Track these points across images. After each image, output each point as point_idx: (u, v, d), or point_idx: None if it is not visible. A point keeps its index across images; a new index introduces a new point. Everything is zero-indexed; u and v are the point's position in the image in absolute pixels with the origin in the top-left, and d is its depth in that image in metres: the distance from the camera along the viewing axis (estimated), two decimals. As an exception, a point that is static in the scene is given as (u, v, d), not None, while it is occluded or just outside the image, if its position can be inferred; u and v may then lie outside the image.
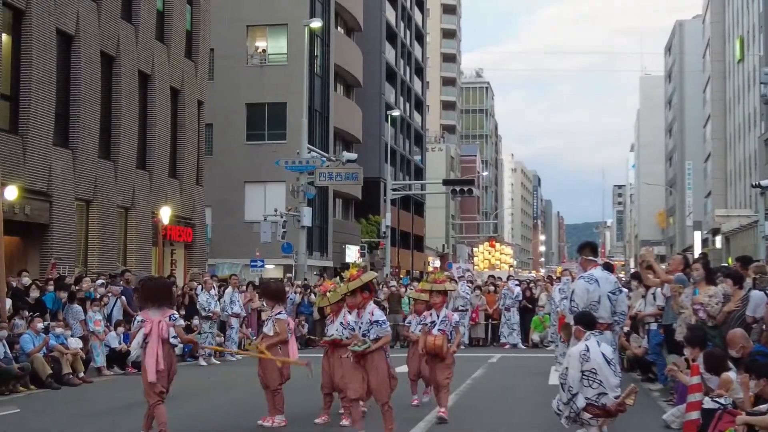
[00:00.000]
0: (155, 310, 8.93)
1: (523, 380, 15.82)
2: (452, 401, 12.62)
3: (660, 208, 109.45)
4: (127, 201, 27.54)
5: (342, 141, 52.36)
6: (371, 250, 54.12)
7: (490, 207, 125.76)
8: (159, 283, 9.64)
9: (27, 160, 22.25)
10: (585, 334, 8.92)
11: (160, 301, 9.01)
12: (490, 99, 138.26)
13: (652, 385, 13.90)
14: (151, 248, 28.55)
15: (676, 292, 12.03)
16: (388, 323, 9.40)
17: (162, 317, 8.87)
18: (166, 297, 9.19)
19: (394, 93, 66.23)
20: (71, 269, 22.61)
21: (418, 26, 78.52)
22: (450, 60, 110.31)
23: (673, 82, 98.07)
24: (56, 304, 16.96)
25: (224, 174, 40.83)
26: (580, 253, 10.35)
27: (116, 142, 27.06)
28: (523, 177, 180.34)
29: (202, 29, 33.55)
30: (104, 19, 26.28)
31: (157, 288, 9.26)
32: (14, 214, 21.25)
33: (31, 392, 14.26)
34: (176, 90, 31.38)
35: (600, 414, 8.59)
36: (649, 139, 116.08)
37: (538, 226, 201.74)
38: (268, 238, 32.92)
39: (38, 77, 22.74)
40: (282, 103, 42.93)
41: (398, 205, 59.93)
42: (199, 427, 10.61)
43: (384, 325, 9.08)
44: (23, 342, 14.97)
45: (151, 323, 8.82)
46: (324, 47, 47.76)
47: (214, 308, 19.88)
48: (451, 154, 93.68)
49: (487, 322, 24.94)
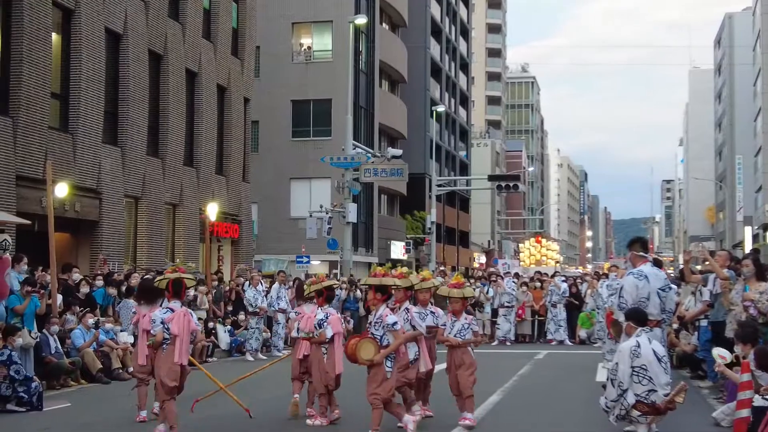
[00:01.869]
0: (145, 306, 10.06)
1: (570, 377, 15.71)
2: (498, 397, 12.60)
3: (709, 203, 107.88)
4: (174, 198, 27.83)
5: (387, 137, 52.37)
6: (416, 247, 54.08)
7: (536, 203, 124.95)
8: (148, 284, 10.50)
9: (77, 157, 22.57)
10: (636, 330, 8.84)
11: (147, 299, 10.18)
12: (535, 94, 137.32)
13: (702, 382, 13.73)
14: (198, 244, 28.82)
15: (727, 288, 11.88)
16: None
17: (149, 312, 9.81)
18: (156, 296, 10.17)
19: (439, 89, 66.07)
20: (120, 265, 22.92)
21: (463, 21, 78.23)
22: (495, 55, 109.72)
23: (723, 76, 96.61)
24: (106, 300, 17.21)
25: (270, 171, 41.08)
26: (630, 249, 10.21)
27: (164, 139, 27.35)
28: (570, 172, 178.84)
29: (249, 27, 33.78)
30: (152, 17, 26.57)
31: (148, 289, 10.40)
32: (65, 211, 21.60)
33: (81, 387, 14.48)
34: (223, 87, 31.62)
35: (649, 411, 8.51)
36: (698, 134, 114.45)
37: (584, 221, 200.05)
38: (313, 234, 33.04)
39: (87, 76, 23.05)
40: (327, 99, 43.04)
41: (443, 201, 59.80)
42: (246, 423, 10.67)
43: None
44: (74, 337, 15.20)
45: (139, 315, 9.95)
46: (369, 43, 47.77)
47: (260, 304, 20.02)
48: (496, 150, 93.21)
49: (534, 318, 24.80)
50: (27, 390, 11.70)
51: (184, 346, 9.17)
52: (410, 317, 9.89)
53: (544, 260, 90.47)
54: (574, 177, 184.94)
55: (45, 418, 11.16)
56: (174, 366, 9.14)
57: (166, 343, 9.22)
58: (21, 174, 20.19)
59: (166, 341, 9.23)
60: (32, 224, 19.35)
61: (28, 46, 20.57)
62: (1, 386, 11.64)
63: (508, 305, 23.95)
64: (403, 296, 10.11)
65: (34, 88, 20.82)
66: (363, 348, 8.98)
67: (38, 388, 12.00)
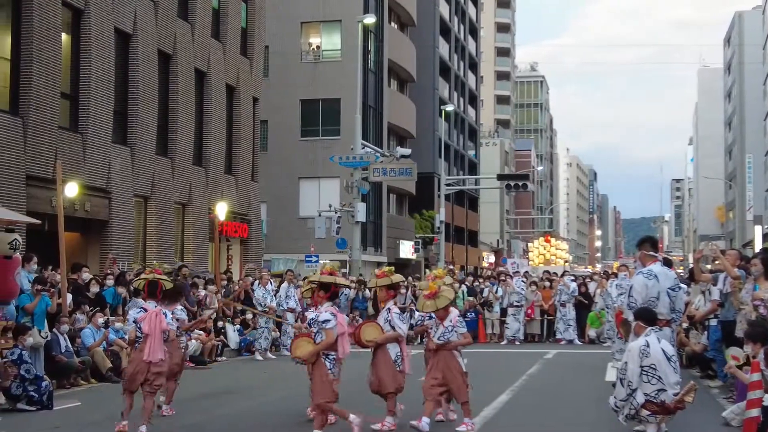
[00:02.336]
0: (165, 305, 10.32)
1: (579, 376, 15.70)
2: (507, 397, 12.59)
3: (719, 202, 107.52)
4: (184, 197, 27.89)
5: (396, 136, 52.37)
6: (425, 246, 54.07)
7: (545, 202, 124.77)
8: (155, 284, 10.56)
9: (87, 157, 22.63)
10: (645, 329, 8.82)
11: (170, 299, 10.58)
12: (544, 93, 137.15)
13: (712, 382, 13.70)
14: (207, 244, 28.87)
15: (736, 287, 11.85)
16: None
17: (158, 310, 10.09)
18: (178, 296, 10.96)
19: (448, 88, 66.03)
20: (130, 265, 22.96)
21: (472, 20, 78.17)
22: (504, 54, 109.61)
23: (733, 74, 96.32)
24: (116, 300, 17.24)
25: (279, 170, 41.13)
26: (640, 248, 10.15)
27: (173, 139, 27.40)
28: (579, 171, 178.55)
29: (257, 26, 33.82)
30: (161, 17, 26.62)
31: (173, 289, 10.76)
32: (74, 211, 21.66)
33: (91, 386, 14.52)
34: (232, 87, 31.66)
35: (659, 411, 8.50)
36: (708, 132, 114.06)
37: (594, 221, 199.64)
38: (322, 234, 33.08)
39: (97, 76, 23.11)
40: (336, 99, 43.08)
41: (452, 201, 59.75)
42: (255, 423, 10.69)
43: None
44: (84, 336, 15.25)
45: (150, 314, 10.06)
46: (378, 43, 47.79)
47: (270, 303, 20.05)
48: (505, 149, 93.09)
49: (543, 317, 24.77)
50: (37, 389, 11.74)
51: (155, 345, 9.76)
52: (390, 317, 9.87)
53: (553, 260, 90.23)
54: (583, 176, 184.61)
55: (55, 417, 11.20)
56: (141, 364, 9.73)
57: (139, 341, 9.89)
58: (31, 174, 20.26)
59: (139, 339, 9.90)
60: (42, 224, 19.38)
61: (38, 46, 20.62)
62: (11, 385, 11.68)
63: (517, 305, 23.93)
64: (386, 296, 10.10)
65: (44, 88, 20.87)
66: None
67: (48, 387, 12.04)
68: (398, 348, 9.89)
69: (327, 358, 9.00)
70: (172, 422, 10.50)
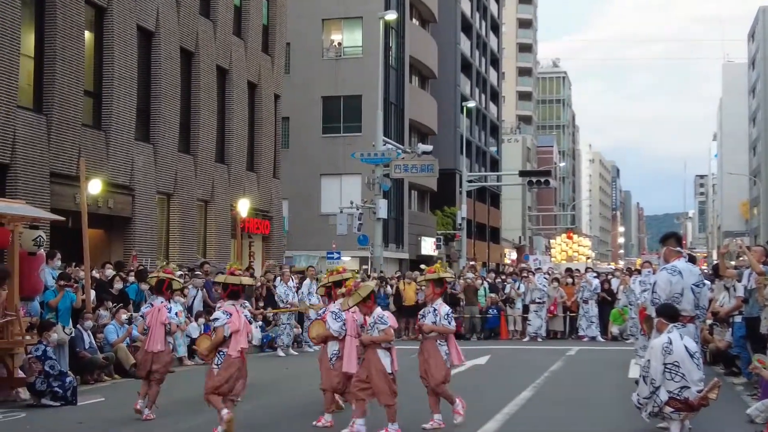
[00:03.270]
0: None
1: (602, 373, 15.63)
2: (529, 393, 12.55)
3: (744, 198, 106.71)
4: (206, 194, 28.00)
5: (417, 133, 52.31)
6: (447, 242, 53.99)
7: (567, 198, 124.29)
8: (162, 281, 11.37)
9: (110, 154, 22.77)
10: (668, 326, 8.76)
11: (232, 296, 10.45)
12: (567, 89, 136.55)
13: (736, 379, 13.60)
14: (229, 240, 28.97)
15: (761, 284, 11.74)
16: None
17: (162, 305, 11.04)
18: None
19: (470, 84, 65.89)
20: (153, 261, 23.07)
21: (494, 16, 77.92)
22: (526, 50, 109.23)
23: (757, 69, 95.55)
24: (139, 296, 17.33)
25: (301, 167, 41.20)
26: (664, 244, 9.99)
27: (195, 136, 27.52)
28: (602, 168, 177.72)
29: (279, 24, 33.88)
30: (183, 15, 26.72)
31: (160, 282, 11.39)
32: (98, 208, 21.81)
33: (115, 381, 14.62)
34: (253, 84, 31.75)
35: (682, 408, 8.45)
36: (732, 128, 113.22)
37: (617, 217, 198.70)
38: (344, 230, 33.10)
39: (120, 73, 23.24)
40: (357, 95, 43.08)
41: (474, 197, 59.64)
42: (275, 418, 10.72)
43: None
44: (107, 332, 15.35)
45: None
46: (399, 39, 47.75)
47: (291, 299, 20.08)
48: (527, 145, 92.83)
49: (566, 314, 24.67)
50: (62, 385, 11.83)
51: (154, 336, 10.81)
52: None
53: (575, 256, 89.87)
54: (605, 172, 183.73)
55: (79, 413, 11.29)
56: (146, 353, 10.78)
57: (145, 333, 11.02)
58: (55, 171, 20.41)
59: (146, 331, 10.99)
60: (66, 221, 19.48)
61: (61, 44, 20.76)
62: (36, 381, 11.78)
63: (539, 301, 23.86)
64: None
65: (68, 85, 21.02)
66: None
67: (72, 382, 12.13)
68: (337, 346, 10.12)
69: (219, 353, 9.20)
70: (193, 417, 10.52)
